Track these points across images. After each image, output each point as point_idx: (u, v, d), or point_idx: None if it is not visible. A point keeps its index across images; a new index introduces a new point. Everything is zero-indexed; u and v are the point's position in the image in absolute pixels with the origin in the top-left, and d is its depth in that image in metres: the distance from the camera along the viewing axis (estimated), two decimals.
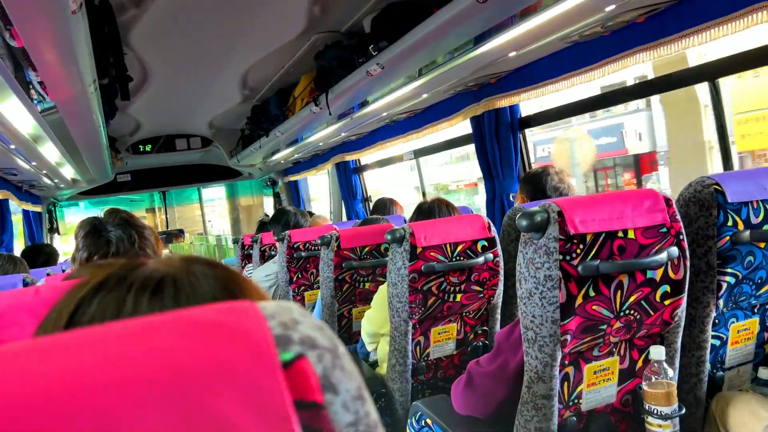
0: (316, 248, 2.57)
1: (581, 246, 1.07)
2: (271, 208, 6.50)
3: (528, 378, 1.14)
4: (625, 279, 1.11)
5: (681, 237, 1.14)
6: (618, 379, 1.22)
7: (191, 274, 0.41)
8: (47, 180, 3.80)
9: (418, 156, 3.90)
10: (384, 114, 3.04)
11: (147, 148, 5.10)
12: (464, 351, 1.85)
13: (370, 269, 2.31)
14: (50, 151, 2.84)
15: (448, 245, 1.67)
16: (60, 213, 6.26)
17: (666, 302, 1.15)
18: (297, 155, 4.62)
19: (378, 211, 3.26)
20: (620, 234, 1.10)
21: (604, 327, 1.13)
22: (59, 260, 3.40)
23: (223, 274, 0.42)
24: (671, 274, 1.14)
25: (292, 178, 5.74)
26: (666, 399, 1.08)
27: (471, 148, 3.00)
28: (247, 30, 2.52)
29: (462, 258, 1.68)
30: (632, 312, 1.14)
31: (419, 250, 1.63)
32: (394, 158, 4.22)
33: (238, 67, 3.14)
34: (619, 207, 1.11)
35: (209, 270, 0.42)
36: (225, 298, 0.40)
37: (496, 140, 2.71)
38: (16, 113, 1.95)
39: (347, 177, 4.70)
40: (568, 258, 1.07)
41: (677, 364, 1.24)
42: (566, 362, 1.15)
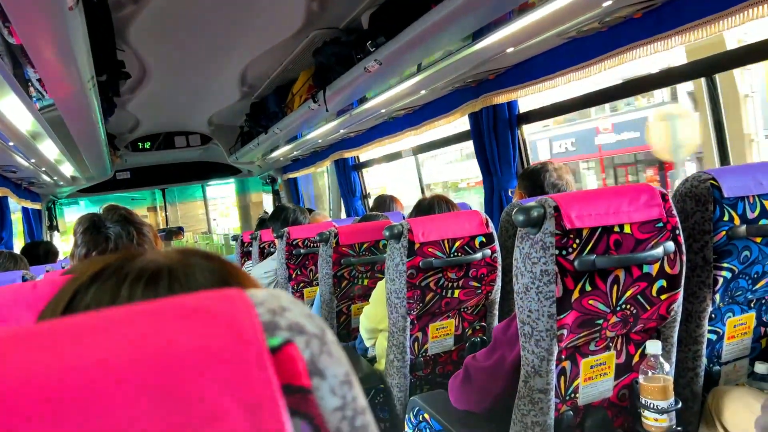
0: (315, 245, 2.57)
1: (577, 241, 1.07)
2: (271, 206, 6.49)
3: (525, 372, 1.15)
4: (622, 274, 1.11)
5: (677, 232, 1.14)
6: (614, 374, 1.22)
7: (187, 266, 0.41)
8: (46, 177, 3.80)
9: (416, 153, 3.90)
10: (383, 110, 3.04)
11: (146, 146, 5.09)
12: (462, 347, 1.85)
13: (369, 266, 2.31)
14: (49, 149, 2.84)
15: (446, 241, 1.67)
16: (60, 211, 6.24)
17: (662, 297, 1.16)
18: (296, 152, 4.62)
19: (378, 208, 3.26)
20: (616, 229, 1.10)
21: (601, 321, 1.13)
22: (59, 258, 3.40)
23: (220, 267, 0.42)
24: (667, 269, 1.14)
25: (291, 176, 5.74)
26: (662, 393, 1.09)
27: None
28: (246, 26, 2.52)
29: (460, 254, 1.68)
30: (628, 307, 1.14)
31: (417, 246, 1.64)
32: (393, 155, 4.22)
33: (237, 64, 3.14)
34: (616, 202, 1.11)
35: (206, 262, 0.42)
36: None
37: (495, 136, 2.71)
38: (15, 110, 1.95)
39: (346, 174, 4.71)
40: (565, 253, 1.07)
41: (674, 359, 1.24)
42: (563, 357, 1.16)
